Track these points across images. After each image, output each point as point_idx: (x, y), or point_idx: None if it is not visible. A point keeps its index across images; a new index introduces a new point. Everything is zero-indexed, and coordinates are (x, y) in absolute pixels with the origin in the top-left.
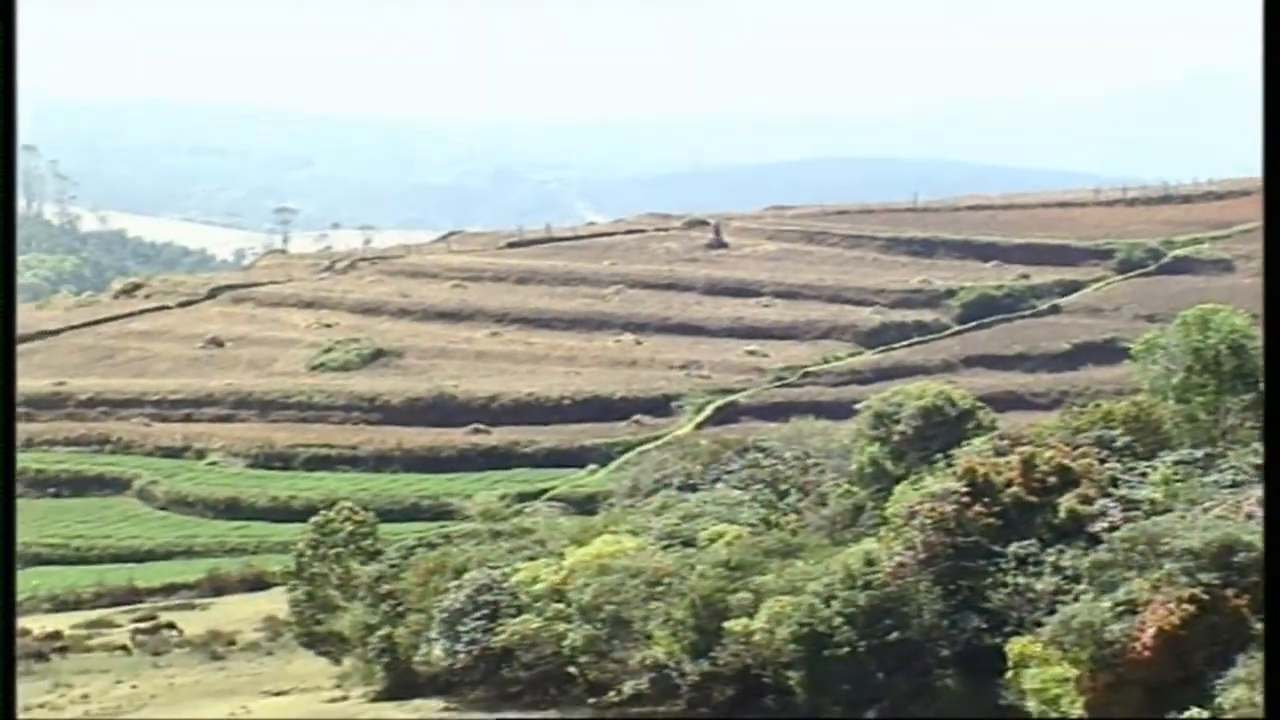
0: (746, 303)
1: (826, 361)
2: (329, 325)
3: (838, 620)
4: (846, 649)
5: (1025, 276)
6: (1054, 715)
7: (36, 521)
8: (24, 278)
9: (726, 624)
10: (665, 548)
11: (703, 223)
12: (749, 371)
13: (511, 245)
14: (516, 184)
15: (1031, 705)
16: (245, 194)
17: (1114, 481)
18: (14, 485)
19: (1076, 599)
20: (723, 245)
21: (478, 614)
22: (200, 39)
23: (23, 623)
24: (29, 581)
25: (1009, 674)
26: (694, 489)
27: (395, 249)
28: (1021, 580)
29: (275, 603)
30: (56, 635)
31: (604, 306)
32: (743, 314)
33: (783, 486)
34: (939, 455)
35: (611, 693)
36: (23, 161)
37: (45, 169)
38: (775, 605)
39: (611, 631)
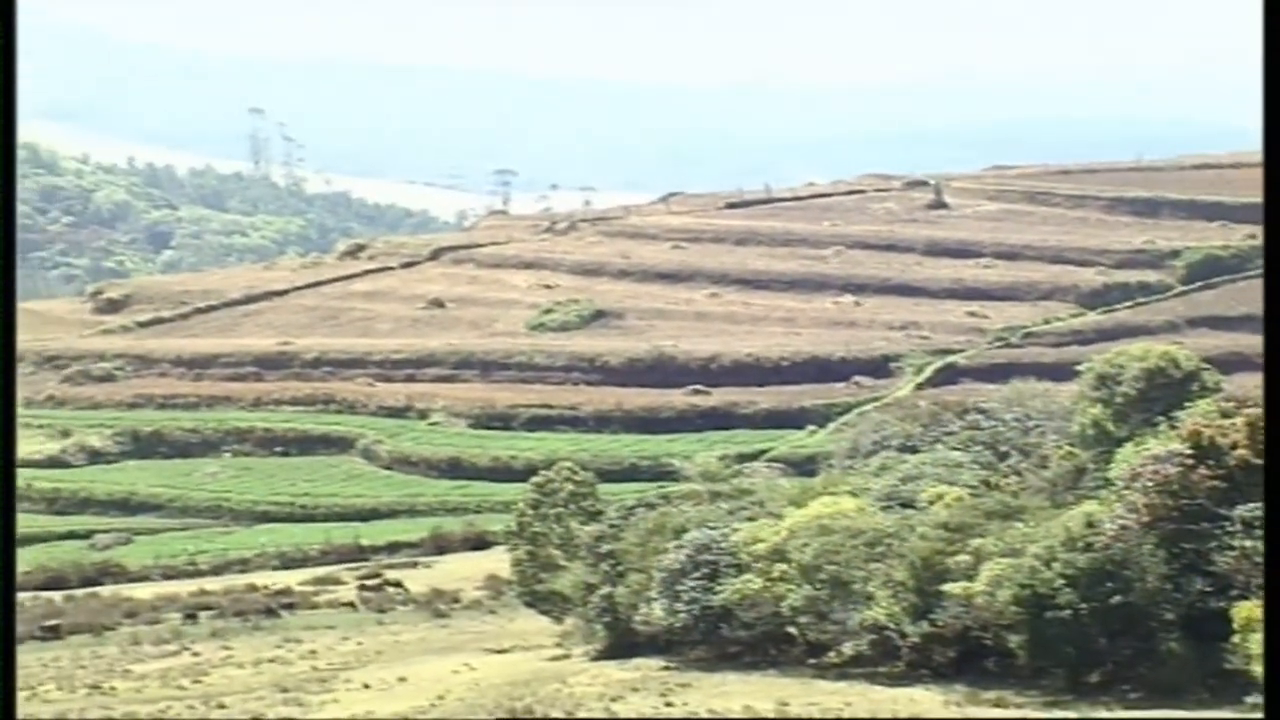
0: (967, 263)
1: (1047, 322)
2: (549, 286)
3: (1059, 583)
4: (1068, 612)
5: (1252, 236)
6: None
7: (265, 480)
8: (251, 239)
9: (946, 586)
10: (884, 509)
11: (923, 183)
12: (969, 332)
13: (731, 206)
14: (736, 145)
15: (1258, 670)
16: (466, 156)
17: None
18: (14, 485)
19: None
20: (943, 205)
21: (697, 574)
22: (420, 3)
23: (252, 578)
24: (257, 538)
25: (1235, 638)
26: (913, 450)
27: (615, 210)
28: (1248, 543)
29: (497, 561)
30: (285, 591)
31: (823, 267)
32: (963, 274)
33: (1003, 448)
34: (1162, 417)
35: (831, 653)
36: (251, 124)
37: (273, 131)
38: (996, 567)
39: (831, 592)
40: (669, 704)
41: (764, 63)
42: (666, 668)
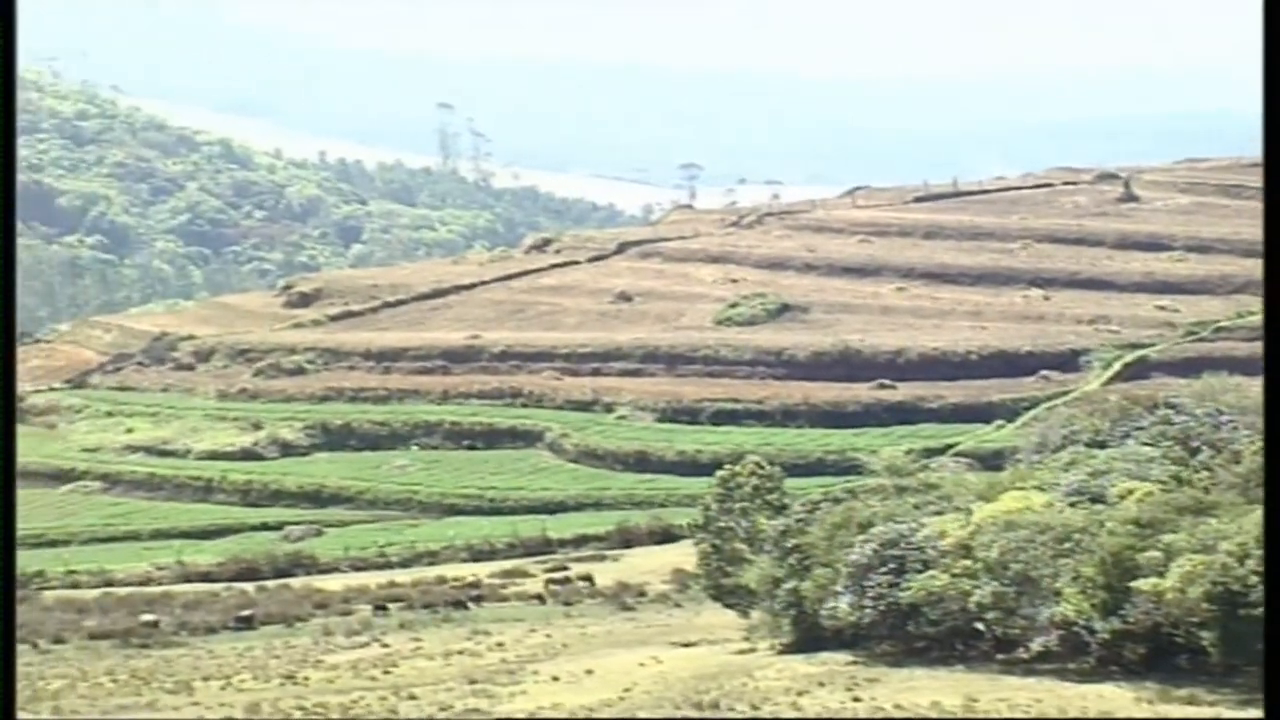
0: (1158, 257)
1: (1240, 316)
2: (735, 280)
3: (1253, 579)
4: (1261, 609)
5: None
6: None
7: (453, 473)
8: (439, 233)
9: (1136, 583)
10: (1073, 504)
11: (1113, 176)
12: (1159, 326)
13: (918, 200)
14: (923, 138)
15: None
16: (653, 150)
17: None
18: (14, 484)
19: None
20: (1133, 199)
21: (884, 569)
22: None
23: (441, 570)
24: (445, 531)
25: None
26: (1103, 445)
27: (801, 204)
28: None
29: (683, 555)
30: (474, 584)
31: (1011, 261)
32: (1153, 268)
33: (1194, 443)
34: None
35: (1020, 649)
36: (440, 119)
37: (462, 126)
38: (1187, 564)
39: (1019, 588)
40: (856, 699)
41: (951, 55)
42: (853, 662)
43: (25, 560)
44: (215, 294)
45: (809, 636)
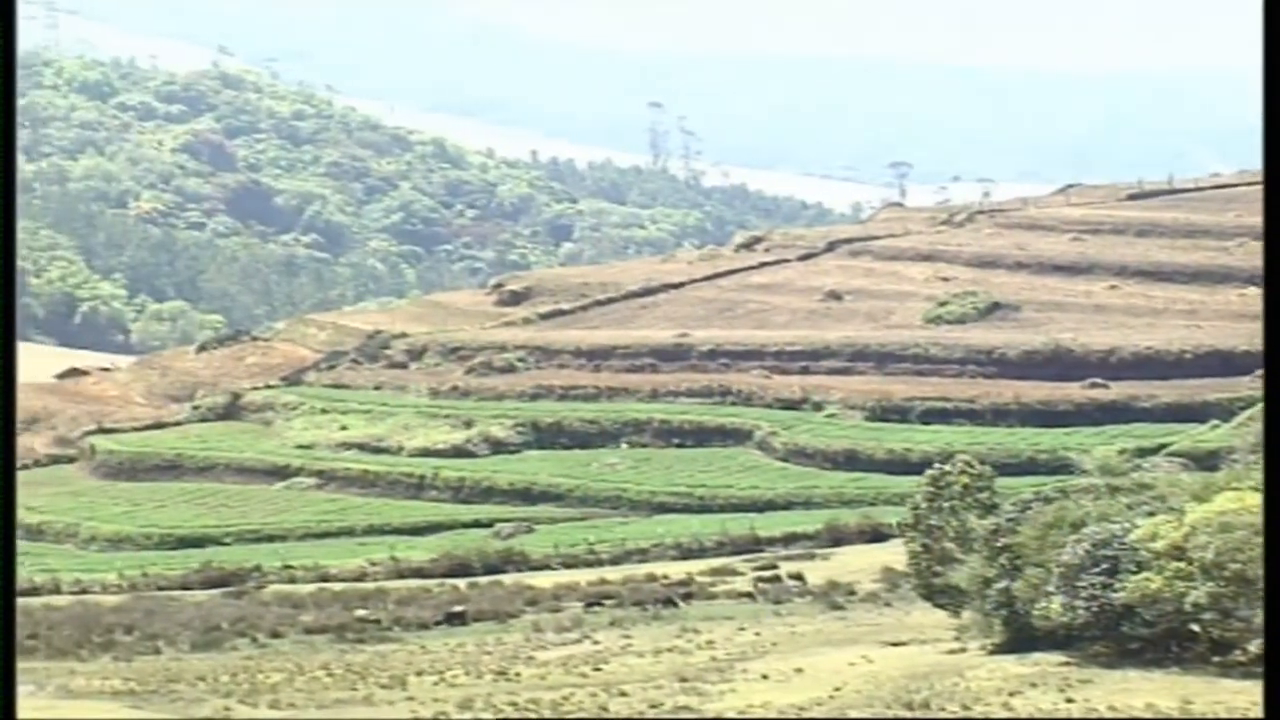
0: None
1: None
2: (945, 278)
3: None
4: None
5: None
6: None
7: (663, 471)
8: (649, 231)
9: None
10: None
11: None
12: None
13: (1131, 197)
14: (1137, 135)
15: None
16: (864, 148)
17: None
18: (14, 484)
19: None
20: None
21: (1097, 570)
22: None
23: (651, 568)
24: (655, 529)
25: None
26: None
27: (1012, 202)
28: None
29: (892, 554)
30: (683, 581)
31: (1227, 259)
32: None
33: None
34: None
35: (1236, 651)
36: (650, 117)
37: (672, 125)
38: None
39: (1236, 589)
40: (1069, 700)
41: (1168, 51)
42: (1066, 663)
43: (243, 555)
44: (427, 292)
45: (1020, 637)
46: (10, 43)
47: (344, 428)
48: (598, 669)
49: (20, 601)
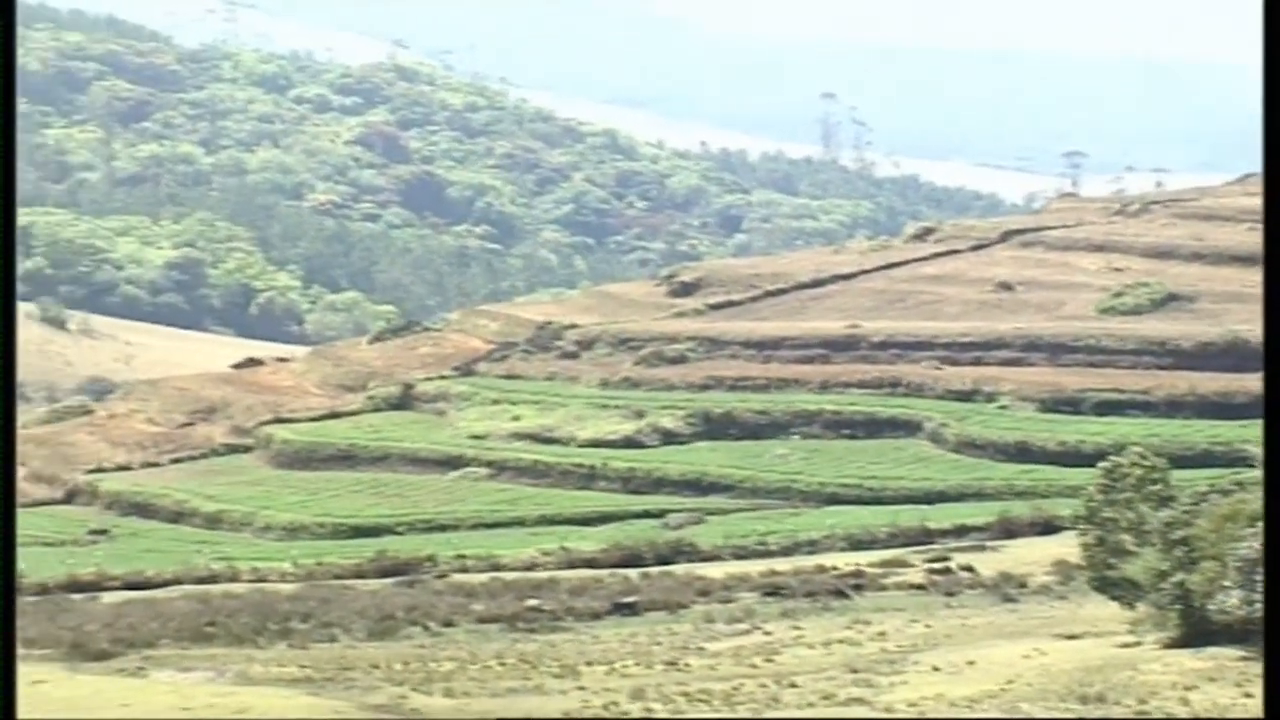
0: None
1: None
2: (1119, 269)
3: None
4: None
5: None
6: None
7: (833, 462)
8: (820, 222)
9: None
10: None
11: None
12: None
13: None
14: None
15: None
16: (1037, 138)
17: None
18: (14, 482)
19: None
20: None
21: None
22: None
23: (821, 559)
24: (825, 520)
25: None
26: None
27: (1188, 192)
28: None
29: (1066, 546)
30: (855, 573)
31: None
32: None
33: None
34: None
35: None
36: (822, 108)
37: (843, 116)
38: None
39: None
40: (1247, 695)
41: None
42: (1244, 658)
43: (417, 544)
44: (598, 283)
45: (1196, 631)
46: (10, 42)
47: (515, 418)
48: (769, 660)
49: (198, 589)
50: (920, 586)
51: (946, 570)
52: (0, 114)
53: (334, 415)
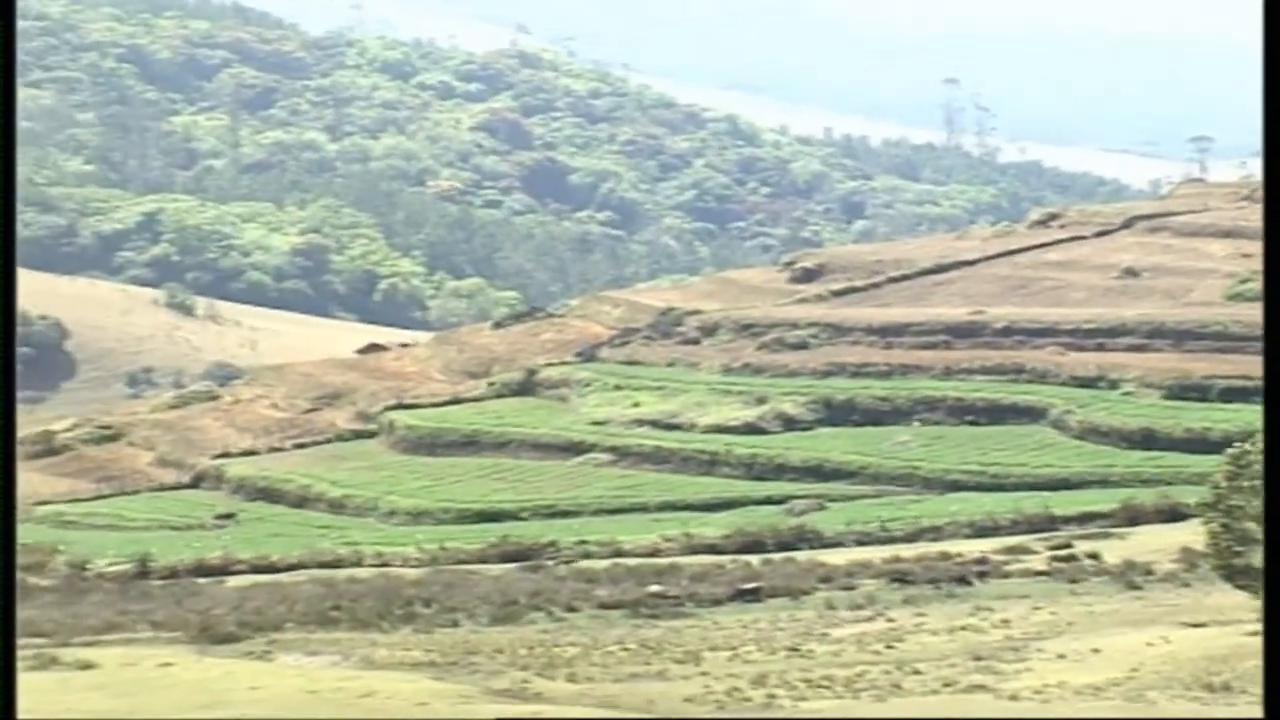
0: None
1: None
2: (1246, 255)
3: None
4: None
5: None
6: None
7: (956, 448)
8: (942, 208)
9: None
10: None
11: None
12: None
13: None
14: None
15: None
16: (1163, 122)
17: None
18: (14, 482)
19: None
20: None
21: None
22: None
23: (944, 546)
24: (948, 507)
25: None
26: None
27: None
28: None
29: (1191, 534)
30: (978, 560)
31: None
32: None
33: None
34: None
35: None
36: (945, 94)
37: (966, 101)
38: None
39: None
40: None
41: None
42: None
43: (539, 530)
44: (720, 269)
45: None
46: (10, 42)
47: (637, 404)
48: (891, 646)
49: (324, 574)
50: (1044, 573)
51: (1071, 557)
52: (0, 114)
53: (457, 401)
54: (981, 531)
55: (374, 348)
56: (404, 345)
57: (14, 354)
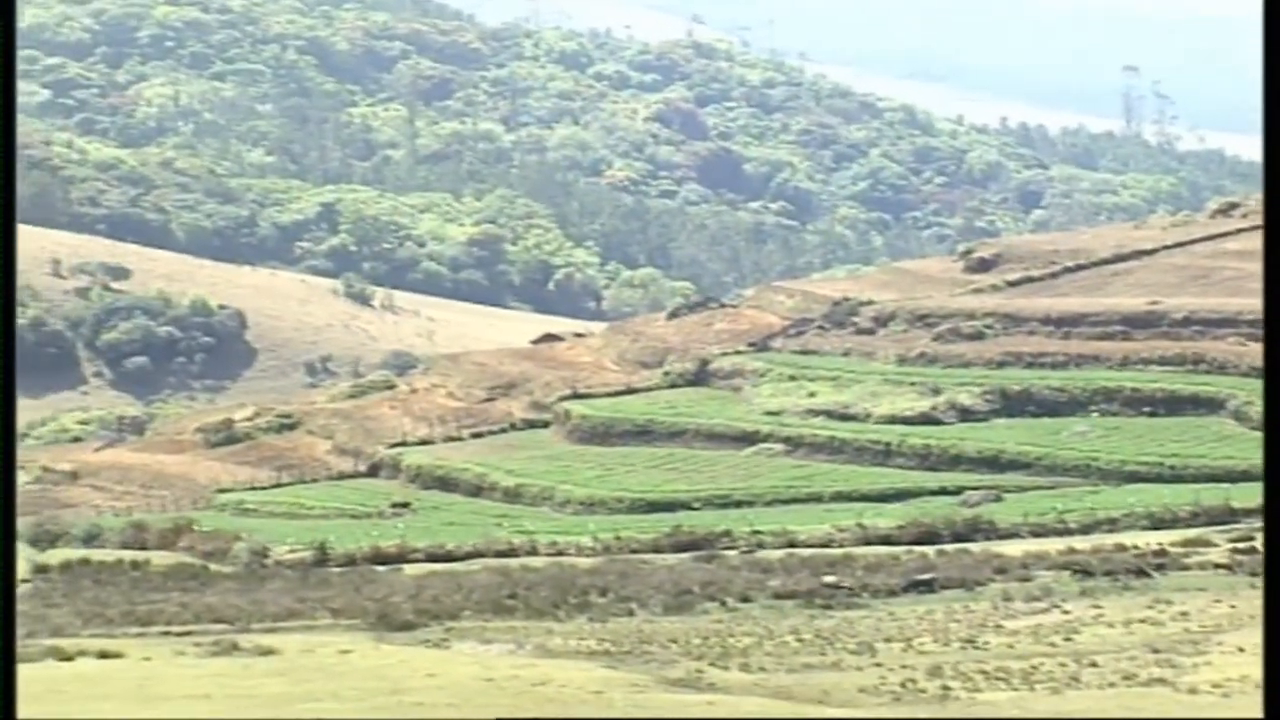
0: None
1: None
2: None
3: None
4: None
5: None
6: None
7: (1133, 440)
8: (1120, 197)
9: None
10: None
11: None
12: None
13: None
14: None
15: None
16: None
17: None
18: (14, 481)
19: None
20: None
21: None
22: None
23: (1121, 538)
24: (1125, 498)
25: None
26: None
27: None
28: None
29: None
30: (1156, 552)
31: None
32: None
33: None
34: None
35: None
36: (1124, 82)
37: (1146, 89)
38: None
39: None
40: None
41: None
42: None
43: (713, 520)
44: (895, 259)
45: None
46: (10, 42)
47: (811, 394)
48: (1068, 639)
49: (498, 562)
50: (1224, 566)
51: (1251, 550)
52: (0, 114)
53: (630, 391)
54: (1159, 523)
55: (548, 337)
56: (578, 335)
57: (14, 354)
